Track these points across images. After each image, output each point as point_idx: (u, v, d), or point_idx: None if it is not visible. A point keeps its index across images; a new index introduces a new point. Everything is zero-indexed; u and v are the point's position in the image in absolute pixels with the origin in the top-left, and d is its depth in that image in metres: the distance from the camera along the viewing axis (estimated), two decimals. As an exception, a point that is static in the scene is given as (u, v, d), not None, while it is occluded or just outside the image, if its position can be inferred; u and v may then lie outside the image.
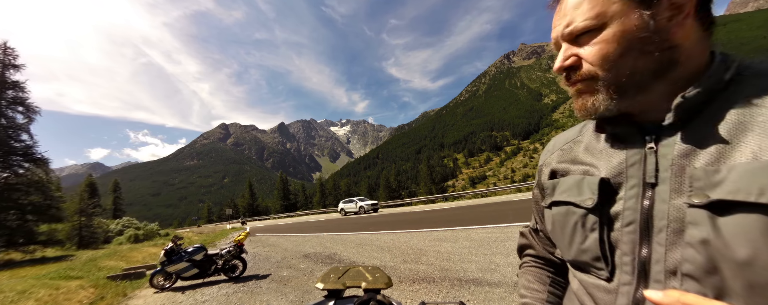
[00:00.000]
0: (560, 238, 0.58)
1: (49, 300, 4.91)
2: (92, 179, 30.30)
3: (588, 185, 0.53)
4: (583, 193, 0.53)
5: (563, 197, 0.57)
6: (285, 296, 4.23)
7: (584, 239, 0.52)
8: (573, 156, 0.60)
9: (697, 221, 0.40)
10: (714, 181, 0.39)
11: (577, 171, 0.57)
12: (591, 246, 0.51)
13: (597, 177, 0.52)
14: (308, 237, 10.81)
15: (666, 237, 0.43)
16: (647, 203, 0.46)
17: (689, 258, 0.40)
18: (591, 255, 0.51)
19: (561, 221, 0.57)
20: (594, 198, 0.51)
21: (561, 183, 0.59)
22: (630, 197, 0.48)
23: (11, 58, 15.50)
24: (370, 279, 0.91)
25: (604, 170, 0.52)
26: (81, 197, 19.97)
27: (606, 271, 0.50)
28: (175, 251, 5.81)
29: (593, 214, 0.51)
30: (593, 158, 0.55)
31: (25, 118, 15.46)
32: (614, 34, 0.45)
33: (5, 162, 14.36)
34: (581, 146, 0.60)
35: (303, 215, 36.29)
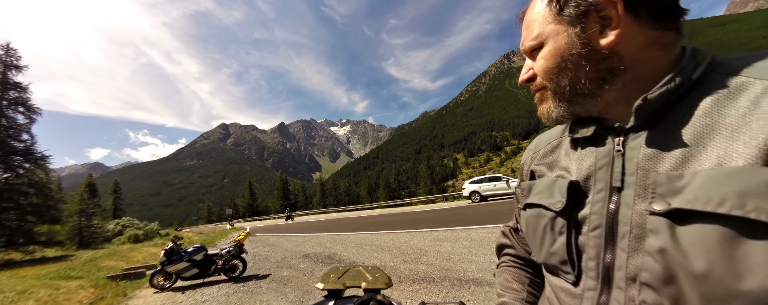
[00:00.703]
0: (532, 240, 0.59)
1: (49, 300, 4.91)
2: (92, 180, 30.28)
3: (558, 188, 0.53)
4: (553, 196, 0.54)
5: (536, 199, 0.57)
6: (285, 296, 4.23)
7: (553, 242, 0.53)
8: (553, 158, 0.60)
9: (657, 229, 0.39)
10: (676, 187, 0.38)
11: (553, 173, 0.58)
12: (559, 249, 0.52)
13: (567, 180, 0.52)
14: (308, 236, 10.80)
15: (628, 243, 0.43)
16: (613, 208, 0.45)
17: (647, 267, 0.40)
18: (558, 258, 0.52)
19: (533, 224, 0.58)
20: (563, 201, 0.51)
21: (536, 185, 0.60)
22: (597, 201, 0.48)
23: (13, 60, 15.52)
24: (370, 279, 0.91)
25: (575, 172, 0.53)
26: (81, 198, 19.99)
27: (572, 275, 0.50)
28: (175, 251, 5.81)
29: (561, 217, 0.52)
30: (569, 161, 0.56)
31: (27, 119, 15.48)
32: (550, 51, 0.49)
33: (6, 163, 14.37)
34: (562, 147, 0.60)
35: (303, 215, 36.31)
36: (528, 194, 0.61)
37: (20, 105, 15.35)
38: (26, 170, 14.98)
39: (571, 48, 0.47)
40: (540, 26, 0.50)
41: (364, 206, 30.70)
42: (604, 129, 0.50)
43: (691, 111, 0.41)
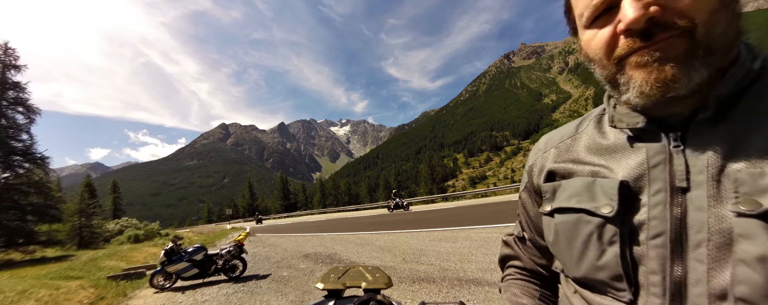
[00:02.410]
0: (566, 252, 0.49)
1: (49, 300, 4.91)
2: (90, 180, 30.23)
3: (603, 189, 0.44)
4: (597, 198, 0.45)
5: (571, 202, 0.48)
6: (285, 296, 4.23)
7: (601, 253, 0.44)
8: (574, 155, 0.52)
9: (751, 233, 0.33)
10: (762, 186, 0.34)
11: (584, 172, 0.49)
12: (610, 262, 0.43)
13: (615, 180, 0.44)
14: (308, 236, 10.81)
15: (707, 253, 0.36)
16: (678, 212, 0.39)
17: (744, 279, 0.33)
18: (609, 272, 0.43)
19: (569, 232, 0.48)
20: (613, 205, 0.43)
21: (565, 186, 0.51)
22: (655, 204, 0.40)
23: (12, 59, 15.51)
24: (370, 279, 0.91)
25: (621, 171, 0.44)
26: (81, 198, 19.97)
27: (628, 292, 0.42)
28: (175, 251, 5.81)
29: (613, 224, 0.43)
30: (601, 158, 0.47)
31: (26, 119, 15.49)
32: None
33: (5, 163, 14.37)
34: (580, 143, 0.52)
35: (302, 215, 36.33)
36: (554, 198, 0.52)
37: (19, 105, 15.35)
38: (26, 170, 14.99)
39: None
40: None
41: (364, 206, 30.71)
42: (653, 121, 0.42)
43: (758, 104, 0.37)
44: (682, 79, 0.36)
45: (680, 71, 0.36)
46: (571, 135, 0.55)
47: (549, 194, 0.54)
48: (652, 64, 0.37)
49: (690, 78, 0.36)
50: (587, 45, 0.43)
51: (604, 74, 0.43)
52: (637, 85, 0.38)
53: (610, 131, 0.49)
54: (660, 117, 0.42)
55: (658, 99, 0.38)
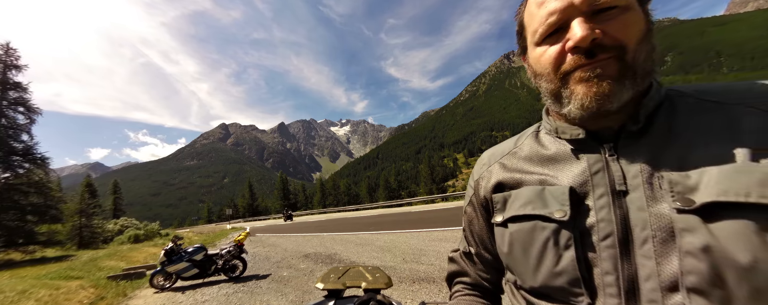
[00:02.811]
0: (522, 261, 0.50)
1: (49, 300, 4.91)
2: (90, 180, 30.25)
3: (553, 196, 0.47)
4: (549, 205, 0.47)
5: (526, 210, 0.49)
6: (285, 296, 4.23)
7: (558, 259, 0.45)
8: (519, 166, 0.55)
9: (692, 227, 0.37)
10: (691, 185, 0.38)
11: (532, 181, 0.51)
12: (567, 266, 0.44)
13: (564, 186, 0.47)
14: (308, 236, 10.81)
15: (654, 249, 0.39)
16: (621, 213, 0.42)
17: (692, 269, 0.36)
18: (567, 277, 0.44)
19: (524, 240, 0.49)
20: (566, 210, 0.45)
21: (516, 195, 0.52)
22: (601, 207, 0.44)
23: (13, 59, 15.51)
24: (370, 279, 0.91)
25: (566, 179, 0.48)
26: (81, 198, 19.97)
27: (586, 296, 0.43)
28: (175, 251, 5.81)
29: (567, 229, 0.45)
30: (545, 168, 0.51)
31: (27, 119, 15.49)
32: (635, 18, 0.42)
33: (6, 163, 14.37)
34: (520, 157, 0.56)
35: (303, 215, 36.34)
36: (505, 207, 0.53)
37: (20, 105, 15.36)
38: (26, 170, 14.99)
39: (643, 25, 0.43)
40: None
41: (364, 206, 30.72)
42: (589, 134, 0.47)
43: (668, 121, 0.43)
44: (615, 95, 0.41)
45: (614, 88, 0.41)
46: (511, 150, 0.59)
47: (500, 205, 0.54)
48: (593, 80, 0.42)
49: (621, 95, 0.41)
50: (537, 60, 0.47)
51: (549, 88, 0.47)
52: (579, 98, 0.43)
53: (550, 142, 0.53)
54: (594, 130, 0.47)
55: (594, 112, 0.43)
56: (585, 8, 0.41)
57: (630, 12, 0.42)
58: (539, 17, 0.45)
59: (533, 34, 0.47)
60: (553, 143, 0.52)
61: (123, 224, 22.07)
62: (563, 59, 0.44)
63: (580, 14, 0.42)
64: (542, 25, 0.45)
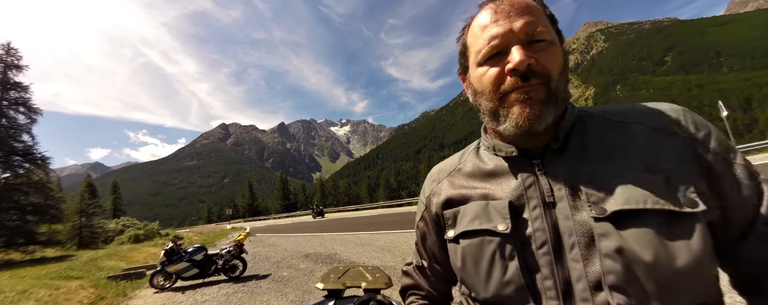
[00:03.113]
0: (474, 274, 0.52)
1: (49, 300, 4.91)
2: (90, 180, 30.27)
3: (495, 210, 0.51)
4: (492, 219, 0.51)
5: (474, 225, 0.53)
6: (285, 296, 4.23)
7: (504, 269, 0.49)
8: (464, 182, 0.59)
9: (607, 232, 0.43)
10: (602, 196, 0.45)
11: (476, 196, 0.55)
12: (513, 276, 0.48)
13: (504, 200, 0.51)
14: (308, 236, 10.81)
15: (580, 252, 0.44)
16: (552, 222, 0.47)
17: (610, 269, 0.41)
18: (514, 286, 0.48)
19: (474, 254, 0.52)
20: (508, 223, 0.49)
21: (464, 211, 0.56)
22: (535, 217, 0.48)
23: (14, 59, 15.51)
24: (370, 279, 0.91)
25: (504, 193, 0.52)
26: (81, 198, 19.97)
27: (532, 302, 0.47)
28: (175, 251, 5.81)
29: (510, 241, 0.49)
30: (486, 182, 0.55)
31: (27, 119, 15.48)
32: (556, 53, 0.49)
33: (6, 163, 14.37)
34: (465, 173, 0.60)
35: (303, 215, 36.33)
36: (456, 223, 0.57)
37: (21, 105, 15.35)
38: (26, 170, 14.98)
39: (562, 59, 0.50)
40: (544, 24, 0.49)
41: (364, 206, 30.71)
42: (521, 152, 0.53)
43: (581, 139, 0.51)
44: (543, 116, 0.47)
45: (542, 110, 0.47)
46: (457, 166, 0.63)
47: (451, 221, 0.58)
48: (526, 101, 0.47)
49: (547, 117, 0.47)
50: (479, 79, 0.52)
51: (488, 106, 0.51)
52: (514, 117, 0.48)
53: (489, 159, 0.58)
54: (524, 148, 0.53)
55: (525, 131, 0.48)
56: (522, 37, 0.47)
57: (554, 46, 0.49)
58: (483, 39, 0.50)
59: (477, 54, 0.52)
60: (492, 160, 0.57)
61: (124, 223, 22.09)
62: (502, 80, 0.49)
63: (517, 42, 0.48)
64: (486, 47, 0.49)
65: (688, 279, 0.40)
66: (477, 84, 0.53)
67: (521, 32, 0.47)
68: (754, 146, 13.44)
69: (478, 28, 0.52)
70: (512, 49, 0.47)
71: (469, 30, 0.54)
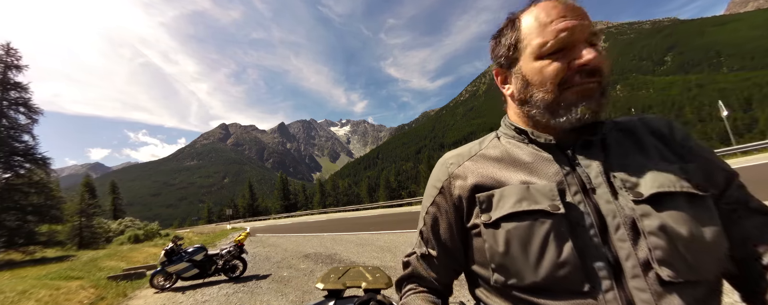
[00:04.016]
0: (521, 258, 0.51)
1: (49, 300, 4.91)
2: (89, 180, 30.22)
3: (541, 193, 0.52)
4: (540, 201, 0.51)
5: (522, 207, 0.52)
6: (285, 296, 4.23)
7: (560, 251, 0.49)
8: (491, 167, 0.59)
9: (647, 212, 0.47)
10: (634, 182, 0.50)
11: (513, 180, 0.56)
12: (569, 257, 0.48)
13: (550, 184, 0.52)
14: (308, 237, 10.81)
15: (626, 233, 0.47)
16: (594, 206, 0.50)
17: (657, 245, 0.45)
18: (570, 267, 0.48)
19: (523, 236, 0.51)
20: (558, 204, 0.50)
21: (503, 194, 0.55)
22: (578, 202, 0.51)
23: (14, 59, 15.51)
24: (371, 279, 0.91)
25: (544, 178, 0.54)
26: (82, 198, 19.97)
27: (587, 284, 0.47)
28: (176, 251, 5.81)
29: (565, 220, 0.50)
30: (519, 168, 0.57)
31: (28, 119, 15.48)
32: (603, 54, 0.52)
33: (7, 163, 14.37)
34: (490, 158, 0.61)
35: (303, 215, 36.33)
36: (492, 207, 0.55)
37: (21, 105, 15.35)
38: (27, 170, 14.98)
39: None
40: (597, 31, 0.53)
41: (364, 207, 30.70)
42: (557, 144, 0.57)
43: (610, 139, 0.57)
44: (602, 108, 0.52)
45: (602, 104, 0.52)
46: (478, 151, 0.63)
47: (485, 205, 0.56)
48: (592, 95, 0.51)
49: (604, 110, 0.53)
50: (538, 71, 0.53)
51: (546, 98, 0.54)
52: (580, 109, 0.51)
53: (519, 146, 0.60)
54: (558, 141, 0.56)
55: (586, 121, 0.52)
56: (585, 36, 0.51)
57: (603, 50, 0.52)
58: (550, 32, 0.51)
59: (539, 47, 0.53)
60: (521, 147, 0.59)
61: (125, 224, 22.08)
62: (565, 74, 0.51)
63: (584, 39, 0.51)
64: (553, 40, 0.51)
65: (714, 251, 0.46)
66: (535, 76, 0.54)
67: (587, 32, 0.51)
68: (754, 146, 13.40)
69: (542, 21, 0.53)
70: (583, 47, 0.50)
71: (527, 21, 0.55)
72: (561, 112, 0.53)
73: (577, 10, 0.52)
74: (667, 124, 0.59)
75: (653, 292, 0.45)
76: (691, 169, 0.52)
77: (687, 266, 0.45)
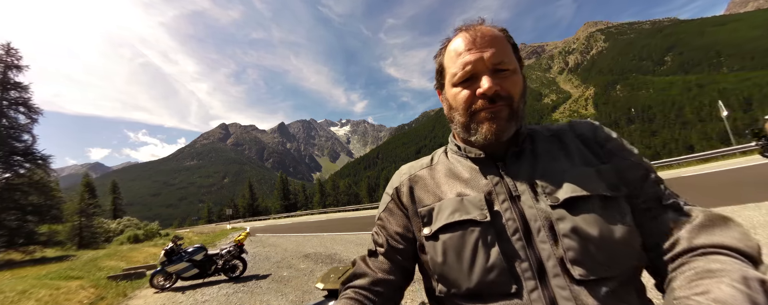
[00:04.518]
0: (456, 266, 0.56)
1: (49, 300, 4.91)
2: (89, 180, 30.20)
3: (472, 204, 0.58)
4: (470, 211, 0.57)
5: (455, 217, 0.58)
6: (285, 296, 4.24)
7: (488, 256, 0.53)
8: (436, 182, 0.66)
9: (562, 216, 0.52)
10: (552, 187, 0.55)
11: (451, 193, 0.62)
12: (496, 261, 0.53)
13: (479, 195, 0.59)
14: (308, 236, 10.81)
15: (546, 235, 0.52)
16: (519, 212, 0.55)
17: (570, 247, 0.50)
18: (498, 271, 0.53)
19: (457, 245, 0.56)
20: (486, 213, 0.56)
21: (440, 207, 0.61)
22: (506, 209, 0.56)
23: (14, 59, 15.50)
24: (370, 279, 0.91)
25: (476, 189, 0.60)
26: (81, 198, 19.96)
27: (514, 285, 0.52)
28: (176, 251, 5.82)
29: (491, 228, 0.55)
30: (457, 182, 0.63)
31: (28, 119, 15.47)
32: (519, 80, 0.60)
33: (7, 163, 14.36)
34: (437, 172, 0.68)
35: (303, 215, 36.32)
36: (432, 220, 0.61)
37: (21, 105, 15.35)
38: (27, 170, 14.97)
39: (522, 85, 0.61)
40: (508, 55, 0.59)
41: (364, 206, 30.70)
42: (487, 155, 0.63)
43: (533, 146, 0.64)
44: (506, 130, 0.58)
45: (506, 126, 0.58)
46: (429, 165, 0.71)
47: (427, 219, 0.62)
48: (493, 119, 0.58)
49: (509, 131, 0.59)
50: (454, 97, 0.61)
51: (461, 120, 0.61)
52: (483, 131, 0.59)
53: (457, 161, 0.67)
54: (489, 153, 0.63)
55: (492, 142, 0.59)
56: (490, 66, 0.57)
57: (516, 75, 0.59)
58: (458, 65, 0.59)
59: (452, 76, 0.61)
60: (461, 162, 0.66)
61: (125, 223, 22.07)
62: (473, 101, 0.59)
63: (486, 70, 0.58)
64: (460, 71, 0.59)
65: (624, 248, 0.51)
66: (452, 101, 0.62)
67: (489, 62, 0.57)
68: (755, 146, 13.39)
69: (453, 53, 0.61)
70: (483, 77, 0.57)
71: (446, 53, 0.64)
72: (472, 132, 0.60)
73: (487, 40, 0.58)
74: (591, 127, 0.65)
75: (571, 290, 0.49)
76: (606, 170, 0.57)
77: (599, 264, 0.49)
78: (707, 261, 0.47)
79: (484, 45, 0.58)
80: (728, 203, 4.99)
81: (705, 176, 9.10)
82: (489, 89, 0.56)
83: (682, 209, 0.55)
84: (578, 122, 0.67)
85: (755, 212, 4.28)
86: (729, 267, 0.43)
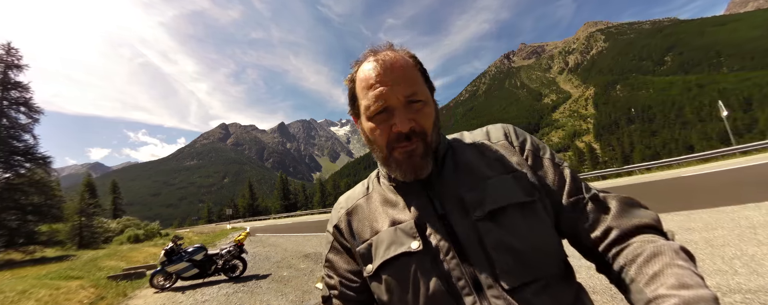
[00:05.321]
0: (402, 301, 0.56)
1: (49, 300, 4.92)
2: (90, 179, 30.21)
3: (405, 233, 0.58)
4: (404, 242, 0.57)
5: (390, 253, 0.58)
6: (285, 296, 4.24)
7: (428, 284, 0.54)
8: (372, 212, 0.65)
9: (488, 228, 0.53)
10: (476, 201, 0.56)
11: (386, 224, 0.62)
12: (436, 288, 0.53)
13: (409, 222, 0.58)
14: (308, 236, 10.81)
15: (478, 249, 0.53)
16: (449, 230, 0.56)
17: (498, 259, 0.51)
18: (439, 296, 0.53)
19: (399, 279, 0.56)
20: (419, 241, 0.56)
21: (377, 242, 0.61)
22: (436, 229, 0.56)
23: (15, 59, 15.51)
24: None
25: (407, 215, 0.60)
26: (82, 197, 19.95)
27: (454, 304, 0.52)
28: (176, 251, 5.82)
29: (425, 256, 0.55)
30: (391, 209, 0.63)
31: (29, 119, 15.48)
32: (431, 112, 0.59)
33: (7, 162, 14.37)
34: (371, 202, 0.67)
35: (303, 215, 36.29)
36: (372, 257, 0.61)
37: (22, 105, 15.35)
38: (27, 169, 14.97)
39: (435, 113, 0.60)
40: (420, 86, 0.58)
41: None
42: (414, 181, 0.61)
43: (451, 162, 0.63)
44: (424, 167, 0.58)
45: (423, 163, 0.57)
46: (366, 194, 0.70)
47: (367, 256, 0.62)
48: (410, 157, 0.57)
49: (427, 166, 0.58)
50: (370, 132, 0.60)
51: (380, 156, 0.61)
52: (402, 169, 0.58)
53: (388, 188, 0.66)
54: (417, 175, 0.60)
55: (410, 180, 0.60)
56: (403, 99, 0.56)
57: (428, 105, 0.58)
58: (370, 98, 0.57)
59: (366, 109, 0.59)
60: (390, 189, 0.66)
61: (126, 223, 22.07)
62: (389, 137, 0.57)
63: (399, 104, 0.56)
64: (373, 105, 0.57)
65: (546, 249, 0.53)
66: (370, 135, 0.60)
67: (402, 95, 0.56)
68: (755, 146, 13.38)
69: (365, 84, 0.59)
70: (396, 114, 0.56)
71: (357, 80, 0.61)
72: (393, 167, 0.60)
73: (398, 71, 0.57)
74: (504, 132, 0.66)
75: (504, 299, 0.50)
76: (522, 175, 0.58)
77: (524, 270, 0.51)
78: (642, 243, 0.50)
79: (396, 76, 0.56)
80: (728, 203, 4.98)
81: (705, 176, 9.10)
82: (403, 127, 0.55)
83: (600, 199, 0.57)
84: (493, 128, 0.68)
85: (755, 212, 4.28)
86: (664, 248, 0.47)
